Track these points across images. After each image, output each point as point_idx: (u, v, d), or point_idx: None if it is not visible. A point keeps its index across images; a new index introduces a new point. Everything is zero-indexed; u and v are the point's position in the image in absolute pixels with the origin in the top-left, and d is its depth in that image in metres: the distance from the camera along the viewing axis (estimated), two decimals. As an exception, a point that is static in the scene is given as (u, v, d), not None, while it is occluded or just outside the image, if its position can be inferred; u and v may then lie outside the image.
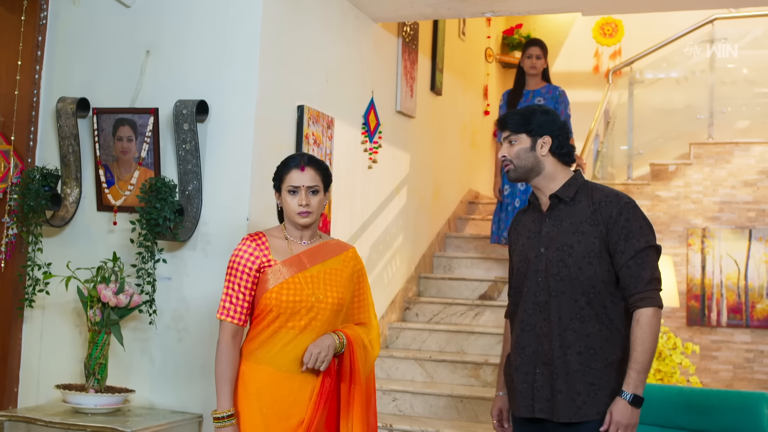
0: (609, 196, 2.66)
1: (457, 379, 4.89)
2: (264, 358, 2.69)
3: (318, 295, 2.71)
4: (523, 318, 2.68)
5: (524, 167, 2.70)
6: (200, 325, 3.65)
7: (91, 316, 3.46)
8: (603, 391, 2.56)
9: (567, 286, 2.60)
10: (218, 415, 2.67)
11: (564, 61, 8.27)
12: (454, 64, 6.63)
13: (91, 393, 3.42)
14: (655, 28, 7.46)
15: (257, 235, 2.80)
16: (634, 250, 2.57)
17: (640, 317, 2.55)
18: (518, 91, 5.53)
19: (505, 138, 2.74)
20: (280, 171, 2.81)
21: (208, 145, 3.68)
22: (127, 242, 3.75)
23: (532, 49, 5.53)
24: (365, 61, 4.91)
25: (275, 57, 3.80)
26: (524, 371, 2.66)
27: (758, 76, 6.83)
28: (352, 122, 4.69)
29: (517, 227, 2.84)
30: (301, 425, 2.65)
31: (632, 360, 2.55)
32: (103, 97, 3.86)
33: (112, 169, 3.78)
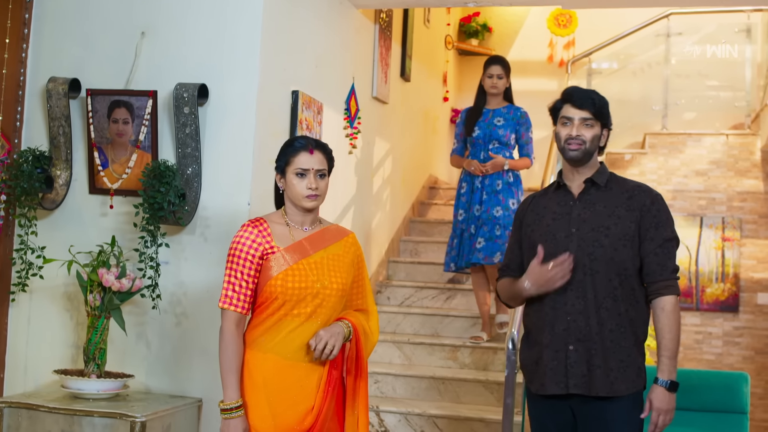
0: (641, 186, 2.80)
1: (435, 361, 4.99)
2: (268, 345, 2.64)
3: (323, 282, 2.67)
4: (553, 296, 2.72)
5: (590, 153, 2.76)
6: (198, 309, 3.64)
7: (91, 300, 3.42)
8: (631, 368, 2.68)
9: (602, 266, 2.68)
10: (226, 406, 2.59)
11: (519, 50, 8.41)
12: (419, 51, 6.69)
13: (93, 378, 3.39)
14: (608, 21, 7.66)
15: (258, 221, 2.72)
16: (663, 239, 2.70)
17: (665, 305, 2.67)
18: (477, 110, 5.15)
19: (583, 118, 2.74)
20: (287, 153, 2.74)
21: (207, 129, 3.66)
22: (123, 226, 3.72)
23: (493, 68, 5.12)
24: (347, 48, 4.93)
25: (274, 42, 3.80)
26: (555, 348, 2.71)
27: (710, 70, 7.09)
28: (336, 108, 4.72)
29: (535, 209, 2.88)
30: (310, 413, 2.63)
31: (663, 347, 2.66)
32: (95, 78, 3.79)
33: (105, 152, 3.72)
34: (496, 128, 5.04)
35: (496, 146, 5.05)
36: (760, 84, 6.85)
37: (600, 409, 2.68)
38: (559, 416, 2.76)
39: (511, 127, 5.06)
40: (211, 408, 3.58)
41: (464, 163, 5.11)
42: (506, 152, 5.07)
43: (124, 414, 3.18)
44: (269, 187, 3.81)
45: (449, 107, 8.09)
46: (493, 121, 5.09)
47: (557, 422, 2.77)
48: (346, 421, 2.73)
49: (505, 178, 5.01)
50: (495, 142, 5.05)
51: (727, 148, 6.80)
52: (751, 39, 7.00)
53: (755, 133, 6.79)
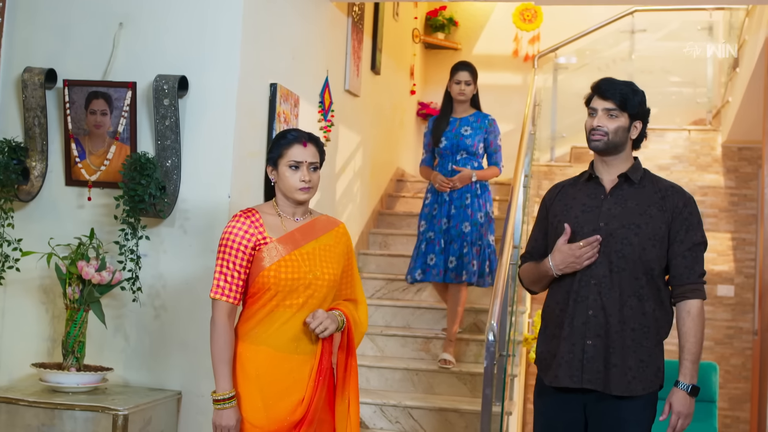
0: (675, 187, 2.80)
1: (408, 353, 5.04)
2: (261, 338, 2.67)
3: (315, 272, 2.70)
4: (576, 288, 2.73)
5: (614, 144, 2.75)
6: (178, 302, 3.63)
7: (70, 293, 3.39)
8: (650, 369, 2.70)
9: (629, 264, 2.69)
10: (219, 397, 2.63)
11: (484, 44, 8.48)
12: (389, 44, 6.72)
13: (72, 372, 3.36)
14: (572, 16, 7.76)
15: (250, 211, 2.75)
16: (692, 242, 2.72)
17: (691, 309, 2.69)
18: (444, 119, 4.99)
19: (606, 109, 2.74)
20: (280, 145, 2.76)
21: (187, 121, 3.64)
22: (100, 218, 3.69)
23: (460, 74, 4.97)
24: (322, 41, 4.94)
25: (253, 34, 3.80)
26: (572, 341, 2.72)
27: (673, 67, 7.22)
28: (311, 101, 4.73)
29: (563, 199, 2.87)
30: (302, 403, 2.66)
31: (686, 351, 2.68)
32: (71, 68, 3.75)
33: (82, 143, 3.69)
34: (463, 138, 4.91)
35: (464, 156, 4.92)
36: (721, 81, 7.01)
37: (614, 407, 2.70)
38: (569, 413, 2.77)
39: (479, 135, 4.92)
40: (191, 400, 3.59)
41: (431, 177, 4.98)
42: (474, 162, 4.94)
43: (106, 407, 3.16)
44: (249, 179, 3.84)
45: (416, 100, 8.13)
46: (461, 130, 4.94)
47: (565, 419, 2.78)
48: (336, 410, 2.78)
49: (473, 190, 4.89)
50: (463, 153, 4.91)
51: (689, 143, 6.95)
52: (712, 37, 7.15)
53: (716, 129, 6.95)
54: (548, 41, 7.88)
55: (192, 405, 3.59)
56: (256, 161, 3.91)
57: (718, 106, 6.99)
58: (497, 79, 8.36)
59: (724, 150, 6.89)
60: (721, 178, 6.87)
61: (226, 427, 2.61)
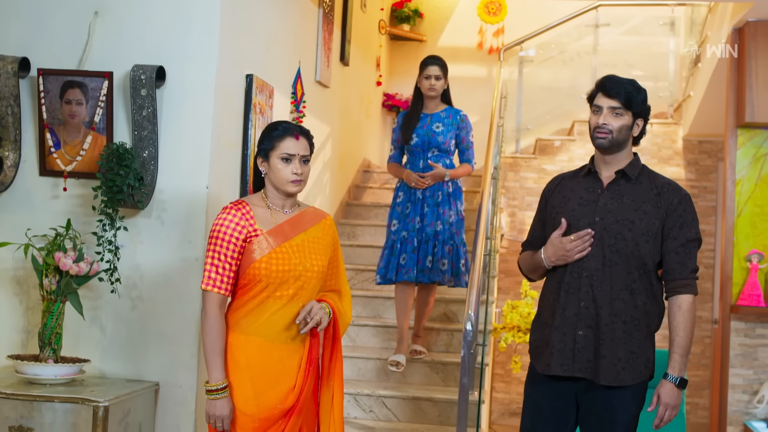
0: (671, 184, 2.86)
1: (380, 343, 5.08)
2: (251, 328, 2.71)
3: (305, 264, 2.74)
4: (568, 280, 2.79)
5: (617, 142, 2.80)
6: (155, 293, 3.62)
7: (47, 284, 3.36)
8: (640, 360, 2.77)
9: (622, 258, 2.75)
10: (212, 387, 2.66)
11: (449, 36, 8.54)
12: (356, 36, 6.73)
13: (50, 363, 3.34)
14: (537, 10, 7.87)
15: (240, 203, 2.77)
16: (686, 239, 2.79)
17: (682, 303, 2.76)
18: (415, 115, 4.83)
19: (612, 107, 2.78)
20: (272, 137, 2.78)
21: (164, 111, 3.63)
22: (76, 208, 3.66)
23: (430, 69, 4.79)
24: (294, 32, 4.94)
25: (230, 25, 3.79)
26: (563, 331, 2.79)
27: (636, 61, 7.34)
28: (284, 92, 4.73)
29: (562, 191, 2.93)
30: (292, 392, 2.71)
31: (676, 345, 2.76)
32: (45, 57, 3.70)
33: (57, 133, 3.65)
34: (435, 135, 4.77)
35: (436, 153, 4.79)
36: (682, 75, 7.15)
37: (605, 396, 2.78)
38: (559, 400, 2.84)
39: (451, 132, 4.80)
40: (169, 391, 3.58)
41: (403, 175, 4.82)
42: (446, 159, 4.83)
43: (86, 399, 3.15)
44: (226, 170, 3.84)
45: (381, 92, 8.16)
46: (432, 127, 4.80)
47: (555, 406, 2.85)
48: (321, 398, 2.84)
49: (445, 189, 4.79)
50: (434, 150, 4.79)
51: (651, 136, 7.08)
52: (674, 32, 7.29)
53: (677, 122, 7.10)
54: (512, 34, 7.96)
55: (170, 396, 3.59)
56: (233, 152, 3.91)
57: (680, 100, 7.13)
58: (462, 71, 8.42)
59: (685, 143, 7.03)
60: (682, 170, 7.01)
61: (219, 416, 2.64)
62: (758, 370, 4.87)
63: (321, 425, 2.85)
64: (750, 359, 4.88)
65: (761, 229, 4.94)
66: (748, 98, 4.88)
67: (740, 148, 5.02)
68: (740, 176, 5.00)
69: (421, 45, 8.51)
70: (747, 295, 4.84)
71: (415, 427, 4.37)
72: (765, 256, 4.89)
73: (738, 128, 5.03)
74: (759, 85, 4.87)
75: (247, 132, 4.00)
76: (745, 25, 4.94)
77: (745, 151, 5.01)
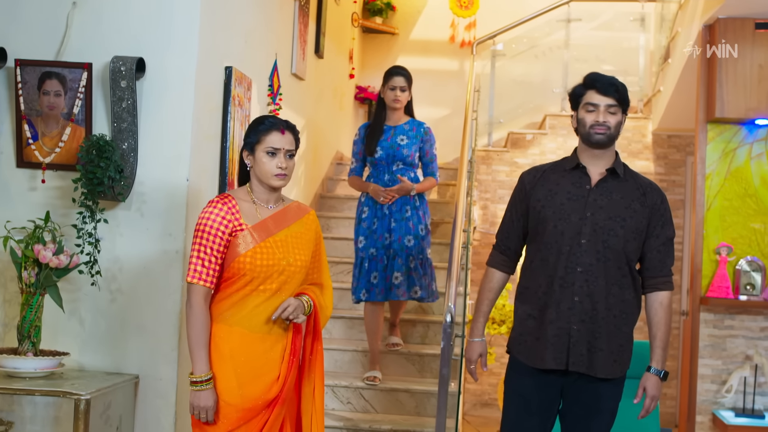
0: (652, 185, 2.95)
1: (355, 334, 5.10)
2: (234, 319, 2.73)
3: (288, 259, 2.77)
4: (562, 275, 2.83)
5: (613, 138, 2.86)
6: (135, 285, 3.61)
7: (26, 277, 3.34)
8: (627, 352, 2.87)
9: (614, 254, 2.81)
10: (197, 378, 2.68)
11: (422, 29, 8.56)
12: (330, 28, 6.73)
13: (29, 357, 3.32)
14: (508, 4, 7.91)
15: (226, 197, 2.78)
16: (666, 237, 2.89)
17: (663, 300, 2.87)
18: (378, 127, 4.67)
19: (608, 105, 2.82)
20: (258, 131, 2.80)
21: (144, 103, 3.61)
22: (54, 201, 3.63)
23: (395, 80, 4.62)
24: (271, 24, 4.93)
25: (210, 16, 3.77)
26: (558, 326, 2.83)
27: (607, 56, 7.42)
28: (261, 84, 4.72)
29: (547, 184, 2.94)
30: (276, 382, 2.74)
31: (658, 339, 2.86)
32: (22, 47, 3.65)
33: (35, 125, 3.61)
34: (400, 148, 4.62)
35: (401, 167, 4.65)
36: (652, 71, 7.25)
37: (593, 386, 2.85)
38: (546, 393, 2.90)
39: (415, 145, 4.65)
40: (149, 384, 3.58)
41: (369, 189, 4.65)
42: (411, 172, 4.70)
43: (67, 392, 3.14)
44: (206, 162, 3.84)
45: (354, 84, 8.17)
46: (396, 140, 4.64)
47: (542, 398, 2.90)
48: (303, 391, 2.87)
49: (412, 202, 4.64)
50: (399, 163, 4.64)
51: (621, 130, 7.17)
52: (644, 28, 7.38)
53: (647, 117, 7.19)
54: (484, 28, 8.00)
55: (150, 388, 3.58)
56: (212, 144, 3.90)
57: (649, 95, 7.23)
58: (434, 65, 8.47)
59: (655, 137, 7.13)
60: (652, 164, 7.12)
61: (204, 407, 2.65)
62: (727, 360, 4.98)
63: (303, 416, 2.88)
64: (719, 350, 4.99)
65: (730, 222, 5.04)
66: (718, 94, 4.97)
67: (710, 143, 5.11)
68: (710, 170, 5.09)
69: (394, 38, 8.53)
70: (716, 287, 4.94)
71: (393, 418, 4.40)
72: (734, 249, 4.99)
73: (708, 123, 5.11)
74: (729, 81, 4.96)
75: (227, 124, 3.99)
76: (715, 22, 5.02)
77: (714, 146, 5.10)
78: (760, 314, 4.99)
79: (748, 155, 5.07)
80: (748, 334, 4.99)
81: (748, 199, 5.03)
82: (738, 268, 4.99)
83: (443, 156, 8.00)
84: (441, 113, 8.28)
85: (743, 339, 4.99)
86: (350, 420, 4.37)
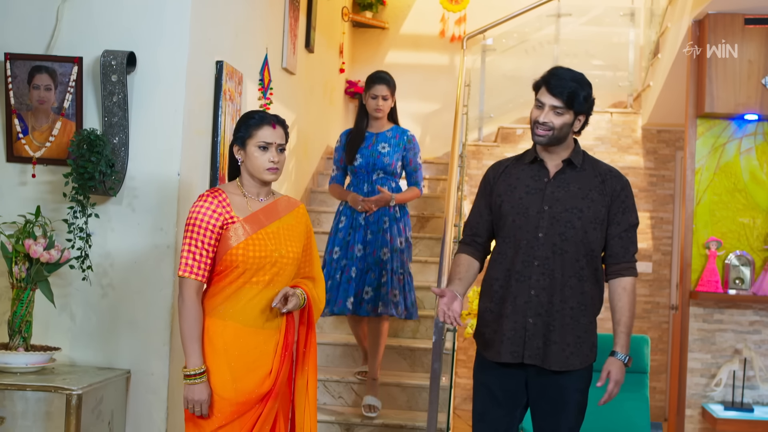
0: (612, 171, 2.92)
1: (346, 329, 5.11)
2: (228, 313, 2.74)
3: (281, 251, 2.79)
4: (519, 269, 2.83)
5: (558, 138, 2.84)
6: (126, 280, 3.60)
7: (17, 272, 3.33)
8: (586, 344, 2.85)
9: (572, 246, 2.81)
10: (190, 372, 2.69)
11: (412, 24, 8.55)
12: (321, 23, 6.72)
13: (20, 352, 3.30)
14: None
15: (216, 191, 2.80)
16: (628, 224, 2.88)
17: (627, 285, 2.86)
18: (359, 134, 4.48)
19: (553, 106, 2.80)
20: (249, 126, 2.82)
21: (135, 98, 3.60)
22: (45, 195, 3.62)
23: (377, 88, 4.41)
24: (262, 18, 4.92)
25: (201, 10, 3.76)
26: (514, 319, 2.83)
27: (597, 51, 7.43)
28: (252, 78, 4.71)
29: (507, 179, 2.94)
30: (269, 376, 2.76)
31: (622, 324, 2.84)
32: (11, 41, 3.63)
33: (25, 119, 3.60)
34: (381, 156, 4.41)
35: (381, 176, 4.44)
36: (642, 66, 7.26)
37: (555, 380, 2.84)
38: (509, 383, 2.90)
39: (398, 153, 4.43)
40: (140, 379, 3.57)
41: (348, 198, 4.43)
42: (392, 182, 4.48)
43: (59, 387, 3.13)
44: (198, 157, 3.83)
45: (344, 78, 8.16)
46: (378, 147, 4.43)
47: (506, 389, 2.90)
48: (296, 384, 2.89)
49: (391, 213, 4.41)
50: (380, 172, 4.43)
51: (611, 125, 7.19)
52: (634, 23, 7.40)
53: (637, 111, 7.21)
54: (475, 22, 8.00)
55: (141, 384, 3.58)
56: (203, 139, 3.90)
57: (639, 90, 7.24)
58: (424, 59, 8.47)
59: (644, 132, 7.15)
60: (641, 159, 7.14)
61: (198, 401, 2.67)
62: (716, 354, 5.01)
63: (296, 409, 2.90)
64: (708, 344, 5.01)
65: (719, 217, 5.06)
66: (708, 89, 4.98)
67: (699, 138, 5.12)
68: (699, 165, 5.11)
69: (384, 32, 8.52)
70: (706, 281, 4.96)
71: (384, 413, 4.41)
72: (723, 244, 5.01)
73: (698, 118, 5.13)
74: (718, 77, 4.98)
75: (218, 119, 3.98)
76: (705, 18, 5.03)
77: (704, 141, 5.12)
78: (749, 308, 5.02)
79: (738, 150, 5.09)
80: (737, 328, 5.02)
81: (738, 194, 5.06)
82: (727, 262, 5.02)
83: (434, 150, 8.06)
84: (431, 108, 8.29)
85: (732, 333, 5.01)
86: (342, 414, 4.38)
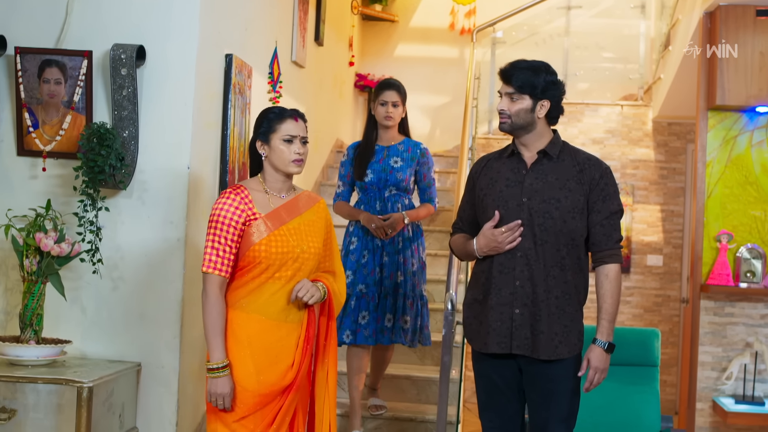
0: (591, 159, 2.93)
1: (356, 323, 5.09)
2: (252, 306, 2.78)
3: (302, 246, 2.83)
4: (502, 260, 2.86)
5: (519, 125, 2.86)
6: (136, 273, 3.61)
7: (28, 265, 3.34)
8: (573, 333, 2.86)
9: (551, 236, 2.83)
10: (213, 366, 2.73)
11: (421, 17, 8.54)
12: (330, 16, 6.71)
13: (31, 345, 3.32)
14: (507, -8, 7.90)
15: (239, 188, 2.84)
16: (609, 212, 2.88)
17: (609, 272, 2.86)
18: (369, 148, 4.15)
19: (507, 93, 2.85)
20: (272, 120, 2.86)
21: (144, 91, 3.60)
22: (55, 189, 3.63)
23: (387, 94, 4.10)
24: (271, 11, 4.92)
25: (210, 3, 3.76)
26: (500, 311, 2.85)
27: (607, 43, 7.41)
28: (261, 72, 4.71)
29: (489, 173, 2.97)
30: (291, 369, 2.79)
31: (604, 311, 2.85)
32: (22, 35, 3.65)
33: (36, 113, 3.61)
34: (393, 171, 4.11)
35: (393, 193, 4.13)
36: (652, 58, 7.23)
37: (545, 369, 2.85)
38: (505, 372, 2.92)
39: (411, 168, 4.14)
40: (150, 372, 3.59)
41: (361, 218, 4.08)
42: (405, 198, 4.18)
43: (70, 380, 3.14)
44: (208, 150, 3.84)
45: (354, 72, 8.16)
46: (389, 162, 4.13)
47: (504, 377, 2.92)
48: (317, 375, 2.92)
49: (405, 234, 4.13)
50: (392, 188, 4.12)
51: (621, 118, 7.17)
52: (645, 15, 7.36)
53: (647, 104, 7.19)
54: (484, 15, 7.98)
55: (151, 376, 3.59)
56: (213, 132, 3.90)
57: (650, 83, 7.22)
58: (434, 52, 8.46)
59: (655, 125, 7.13)
60: (652, 152, 7.12)
61: (221, 394, 2.71)
62: (727, 347, 4.99)
63: (316, 401, 2.93)
64: (719, 337, 5.00)
65: (731, 209, 5.04)
66: (719, 81, 4.96)
67: (711, 131, 5.10)
68: (711, 158, 5.09)
69: (393, 25, 8.51)
70: (717, 274, 4.94)
71: (394, 405, 4.41)
72: (734, 237, 4.99)
73: (709, 111, 5.10)
74: (729, 69, 4.95)
75: (227, 112, 3.98)
76: (716, 9, 5.00)
77: (715, 134, 5.10)
78: (760, 301, 5.00)
79: (749, 143, 5.06)
80: (748, 322, 5.00)
81: (749, 187, 5.03)
82: (738, 255, 5.00)
83: (443, 143, 8.05)
84: (441, 101, 8.28)
85: (743, 326, 5.00)
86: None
